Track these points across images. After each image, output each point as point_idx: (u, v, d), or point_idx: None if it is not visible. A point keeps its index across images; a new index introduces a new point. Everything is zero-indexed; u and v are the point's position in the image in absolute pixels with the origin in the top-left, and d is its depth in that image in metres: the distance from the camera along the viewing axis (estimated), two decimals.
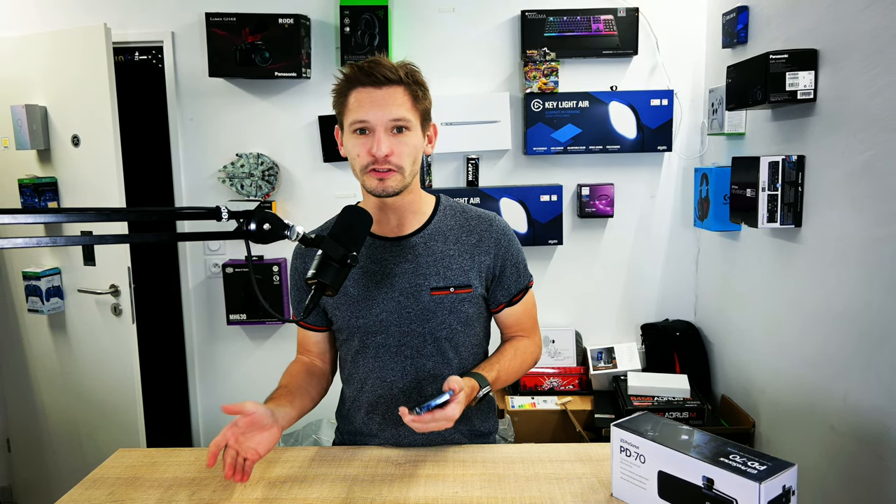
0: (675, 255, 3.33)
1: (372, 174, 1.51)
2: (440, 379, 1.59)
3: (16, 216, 1.04)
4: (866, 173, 1.96)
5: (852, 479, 2.04)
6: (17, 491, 3.49)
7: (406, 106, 1.51)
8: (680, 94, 3.18)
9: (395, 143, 1.50)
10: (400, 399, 1.62)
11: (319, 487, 1.43)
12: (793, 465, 1.17)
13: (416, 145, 1.54)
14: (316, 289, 1.35)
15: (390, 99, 1.49)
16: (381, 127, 1.49)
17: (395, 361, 1.63)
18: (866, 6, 1.95)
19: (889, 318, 1.86)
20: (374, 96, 1.49)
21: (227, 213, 1.22)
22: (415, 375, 1.63)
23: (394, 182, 1.52)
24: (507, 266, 1.67)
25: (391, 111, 1.49)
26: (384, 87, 1.50)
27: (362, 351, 1.65)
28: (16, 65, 3.06)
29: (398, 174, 1.52)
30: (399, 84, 1.51)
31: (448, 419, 1.39)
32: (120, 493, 1.43)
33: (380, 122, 1.49)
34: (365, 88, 1.50)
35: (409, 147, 1.52)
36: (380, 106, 1.49)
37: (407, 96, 1.52)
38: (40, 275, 3.08)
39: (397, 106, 1.50)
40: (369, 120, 1.49)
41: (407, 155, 1.52)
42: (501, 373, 1.62)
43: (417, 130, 1.55)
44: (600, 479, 1.44)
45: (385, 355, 1.63)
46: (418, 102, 1.54)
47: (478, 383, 1.53)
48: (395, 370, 1.63)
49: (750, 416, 2.74)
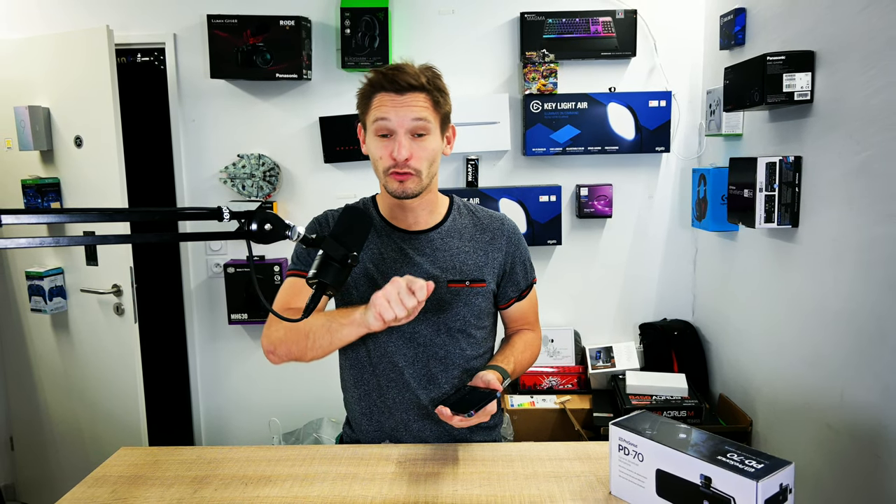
0: (673, 256, 3.32)
1: (393, 176, 1.57)
2: (451, 368, 1.66)
3: (19, 216, 1.04)
4: (863, 174, 1.96)
5: (849, 476, 2.04)
6: (20, 489, 3.49)
7: (427, 111, 1.56)
8: (678, 95, 3.18)
9: (415, 147, 1.55)
10: (411, 384, 1.66)
11: (320, 486, 1.43)
12: (790, 464, 1.16)
13: (434, 149, 1.60)
14: (317, 288, 1.35)
15: (412, 104, 1.54)
16: (402, 131, 1.54)
17: (408, 347, 1.66)
18: (862, 8, 1.95)
19: (885, 318, 1.86)
20: (397, 102, 1.54)
21: (228, 213, 1.22)
22: (426, 362, 1.66)
23: (412, 184, 1.57)
24: (516, 263, 1.74)
25: (412, 116, 1.54)
26: (406, 94, 1.54)
27: (375, 336, 1.66)
28: (19, 66, 3.06)
29: (416, 177, 1.57)
30: (421, 90, 1.56)
31: (487, 414, 1.45)
32: (122, 490, 1.43)
33: (401, 126, 1.54)
34: (388, 94, 1.55)
35: (427, 151, 1.57)
36: (402, 111, 1.54)
37: (428, 102, 1.57)
38: (43, 275, 3.08)
39: (419, 111, 1.55)
40: (392, 124, 1.54)
41: (425, 159, 1.58)
42: (517, 364, 1.70)
43: (437, 134, 1.60)
44: (599, 477, 1.44)
45: (398, 340, 1.66)
46: (438, 108, 1.59)
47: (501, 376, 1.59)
48: (408, 355, 1.66)
49: (747, 415, 2.74)
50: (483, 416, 1.44)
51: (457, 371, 1.67)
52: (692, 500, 1.21)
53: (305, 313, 1.36)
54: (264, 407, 3.39)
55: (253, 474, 1.49)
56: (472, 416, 1.41)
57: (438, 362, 1.66)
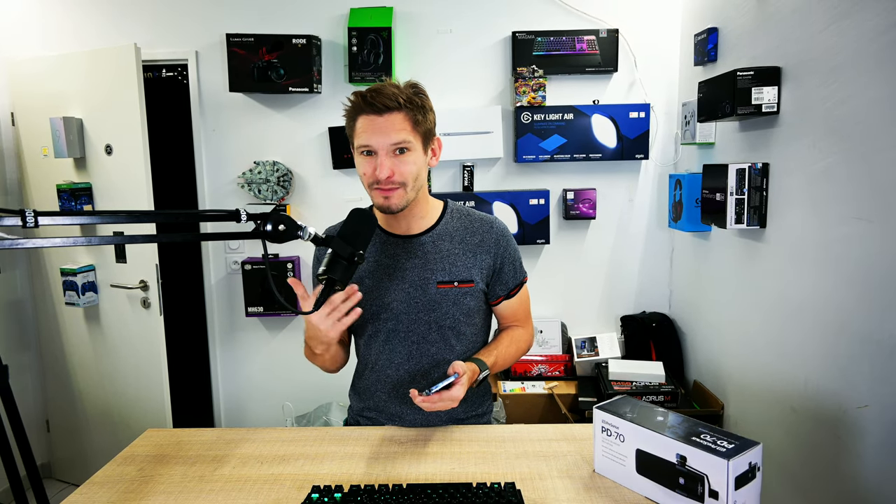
0: (652, 254, 3.32)
1: (377, 191, 1.53)
2: (443, 363, 1.63)
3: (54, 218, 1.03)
4: (825, 179, 1.96)
5: (812, 456, 2.04)
6: (55, 467, 3.49)
7: (406, 130, 1.50)
8: (656, 107, 3.18)
9: (396, 163, 1.51)
10: (406, 379, 1.65)
11: (329, 464, 1.43)
12: (758, 444, 1.16)
13: (416, 162, 1.54)
14: (326, 284, 1.35)
15: (390, 125, 1.49)
16: (382, 151, 1.49)
17: (403, 346, 1.64)
18: (825, 27, 1.94)
19: (844, 310, 1.87)
20: (377, 123, 1.49)
21: (245, 215, 1.22)
22: (420, 359, 1.64)
23: (397, 199, 1.53)
24: (505, 264, 1.68)
25: (391, 137, 1.49)
26: (385, 115, 1.49)
27: (374, 335, 1.66)
28: (55, 81, 3.06)
29: (401, 190, 1.53)
30: (399, 110, 1.50)
31: (453, 399, 1.43)
32: (149, 469, 1.43)
33: (381, 146, 1.49)
34: (368, 116, 1.50)
35: (409, 165, 1.52)
36: (381, 132, 1.49)
37: (407, 121, 1.51)
38: (77, 271, 3.07)
39: (397, 131, 1.49)
40: (372, 145, 1.50)
41: (408, 173, 1.52)
42: (499, 358, 1.66)
43: (418, 150, 1.54)
44: (584, 456, 1.44)
45: (394, 340, 1.64)
46: (418, 125, 1.53)
47: (478, 367, 1.57)
48: (403, 353, 1.64)
49: (719, 399, 2.74)
50: (449, 402, 1.42)
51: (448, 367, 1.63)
52: (669, 477, 1.21)
53: (316, 306, 1.36)
54: (278, 392, 3.39)
55: (268, 454, 1.49)
56: (430, 394, 1.41)
57: (430, 359, 1.64)
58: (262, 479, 1.38)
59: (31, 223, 0.99)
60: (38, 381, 3.43)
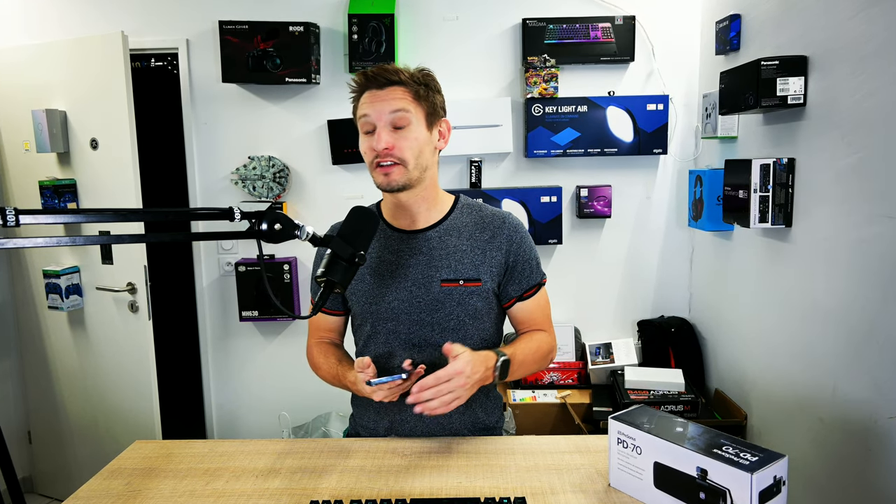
0: (670, 254, 3.32)
1: (378, 170, 1.56)
2: None
3: (37, 216, 1.04)
4: (854, 175, 1.95)
5: (840, 468, 2.04)
6: (37, 481, 3.50)
7: (406, 101, 1.54)
8: (675, 99, 3.18)
9: (395, 137, 1.53)
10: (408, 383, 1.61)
11: (329, 477, 1.44)
12: (783, 456, 1.16)
13: (418, 139, 1.56)
14: (325, 286, 1.36)
15: (390, 97, 1.54)
16: (381, 124, 1.53)
17: (404, 349, 1.63)
18: (853, 14, 1.94)
19: (875, 315, 1.86)
20: (377, 95, 1.55)
21: (239, 213, 1.23)
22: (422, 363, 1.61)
23: (397, 175, 1.54)
24: (518, 262, 1.65)
25: (390, 109, 1.53)
26: (386, 88, 1.54)
27: (373, 336, 1.66)
28: (37, 71, 3.07)
29: (401, 167, 1.54)
30: (401, 84, 1.55)
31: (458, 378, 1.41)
32: (137, 482, 1.44)
33: (380, 119, 1.53)
34: (370, 91, 1.56)
35: (409, 141, 1.54)
36: (379, 105, 1.54)
37: (407, 93, 1.55)
38: (60, 273, 3.09)
39: (396, 103, 1.53)
40: (370, 114, 1.54)
41: (408, 148, 1.54)
42: (518, 352, 1.58)
43: (420, 125, 1.56)
44: (598, 469, 1.44)
45: (394, 342, 1.64)
46: (420, 99, 1.56)
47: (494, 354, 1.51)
48: (403, 357, 1.60)
49: (742, 409, 2.74)
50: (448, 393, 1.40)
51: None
52: (689, 492, 1.21)
53: (315, 311, 1.36)
54: (274, 401, 3.40)
55: (263, 467, 1.50)
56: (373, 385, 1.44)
57: (434, 364, 1.58)
58: (258, 493, 1.38)
59: (11, 222, 1.00)
60: (19, 390, 3.44)
